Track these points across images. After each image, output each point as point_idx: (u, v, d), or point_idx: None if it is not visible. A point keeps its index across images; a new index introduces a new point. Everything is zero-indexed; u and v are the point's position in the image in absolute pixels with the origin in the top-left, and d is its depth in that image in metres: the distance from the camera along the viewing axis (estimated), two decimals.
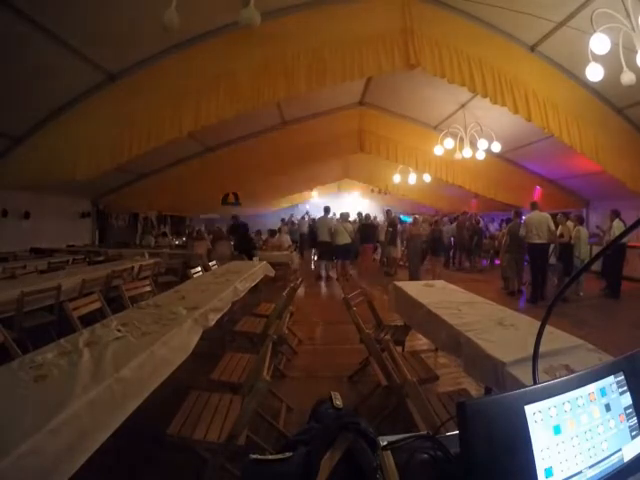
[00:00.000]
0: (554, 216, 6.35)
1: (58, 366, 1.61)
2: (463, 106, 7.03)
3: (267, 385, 1.64)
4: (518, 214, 7.03)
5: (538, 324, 0.79)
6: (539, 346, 0.79)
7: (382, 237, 9.63)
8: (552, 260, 6.49)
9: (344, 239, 8.20)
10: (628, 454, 0.67)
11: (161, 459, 2.04)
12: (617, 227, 6.07)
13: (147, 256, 7.23)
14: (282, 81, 4.57)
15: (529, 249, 6.16)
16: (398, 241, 9.74)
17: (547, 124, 5.06)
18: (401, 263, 10.29)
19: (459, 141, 7.20)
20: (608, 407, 0.68)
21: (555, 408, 0.61)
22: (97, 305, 2.96)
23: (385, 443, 0.73)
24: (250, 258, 7.48)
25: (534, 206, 6.15)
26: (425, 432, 0.79)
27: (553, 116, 5.07)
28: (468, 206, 12.10)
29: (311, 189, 14.97)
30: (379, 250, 10.51)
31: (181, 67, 4.56)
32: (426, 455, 0.71)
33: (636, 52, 3.23)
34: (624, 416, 0.69)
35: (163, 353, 1.96)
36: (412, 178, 10.26)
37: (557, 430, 0.61)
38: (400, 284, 3.64)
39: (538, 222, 5.88)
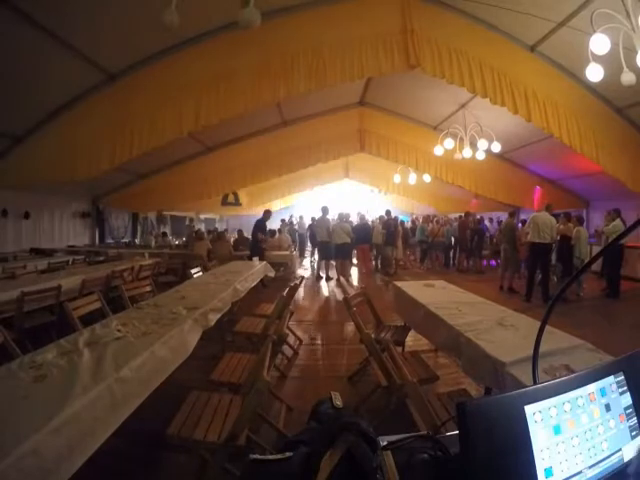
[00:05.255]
0: (556, 216, 6.37)
1: (58, 366, 1.61)
2: (463, 106, 7.03)
3: (267, 385, 1.64)
4: (512, 214, 7.08)
5: (538, 324, 0.79)
6: (539, 346, 0.79)
7: (377, 238, 9.61)
8: (552, 260, 6.51)
9: (342, 239, 8.20)
10: (628, 454, 0.67)
11: (161, 459, 2.04)
12: (615, 227, 6.08)
13: (147, 256, 7.23)
14: (282, 81, 4.57)
15: (531, 248, 6.17)
16: (399, 242, 9.74)
17: (547, 124, 5.06)
18: (401, 263, 10.31)
19: (459, 141, 7.21)
20: (608, 407, 0.68)
21: (555, 408, 0.61)
22: (97, 305, 2.96)
23: (385, 443, 0.73)
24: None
25: (548, 208, 6.17)
26: (425, 432, 0.79)
27: (553, 116, 5.07)
28: (468, 206, 12.11)
29: (311, 189, 14.97)
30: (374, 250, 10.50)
31: (181, 67, 4.56)
32: (426, 455, 0.71)
33: (636, 52, 3.22)
34: (624, 416, 0.69)
35: (163, 353, 1.96)
36: (412, 178, 10.27)
37: (557, 430, 0.61)
38: (400, 284, 3.63)
39: (543, 223, 5.92)
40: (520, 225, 8.51)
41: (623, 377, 0.71)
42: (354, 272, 9.38)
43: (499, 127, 6.92)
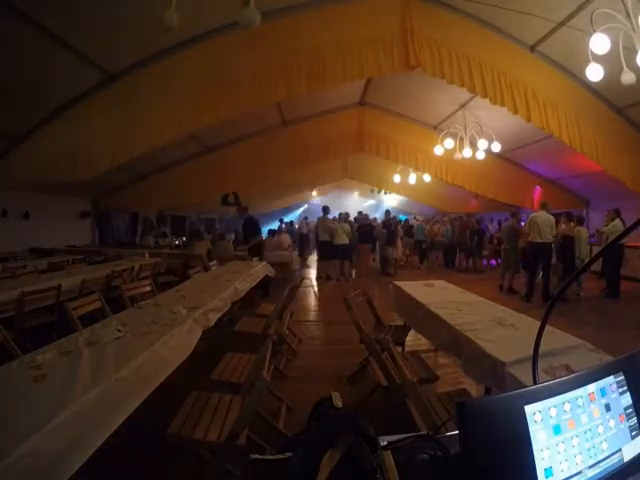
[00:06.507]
0: (556, 216, 6.37)
1: (58, 366, 1.61)
2: (463, 106, 7.03)
3: (267, 385, 1.64)
4: (514, 214, 7.10)
5: (538, 324, 0.79)
6: (539, 346, 0.79)
7: (380, 238, 9.62)
8: (552, 260, 6.51)
9: (342, 239, 8.20)
10: (628, 454, 0.67)
11: (161, 459, 2.03)
12: (614, 227, 6.08)
13: (147, 256, 7.22)
14: (282, 81, 4.57)
15: (532, 248, 6.17)
16: (399, 241, 9.73)
17: (547, 124, 5.06)
18: (402, 263, 10.30)
19: (459, 141, 7.21)
20: (608, 407, 0.68)
21: (555, 408, 0.61)
22: (97, 305, 2.96)
23: (385, 443, 0.73)
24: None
25: (545, 206, 6.16)
26: (425, 432, 0.79)
27: (553, 116, 5.08)
28: (468, 206, 12.11)
29: (311, 189, 14.98)
30: (377, 250, 10.50)
31: (181, 67, 4.55)
32: (426, 455, 0.71)
33: (636, 52, 3.23)
34: (624, 416, 0.69)
35: (163, 353, 1.96)
36: (412, 178, 10.27)
37: (557, 430, 0.61)
38: (400, 284, 3.63)
39: (543, 222, 5.92)
40: (521, 224, 8.51)
41: (623, 377, 0.71)
42: (354, 272, 9.37)
43: (499, 127, 6.91)
